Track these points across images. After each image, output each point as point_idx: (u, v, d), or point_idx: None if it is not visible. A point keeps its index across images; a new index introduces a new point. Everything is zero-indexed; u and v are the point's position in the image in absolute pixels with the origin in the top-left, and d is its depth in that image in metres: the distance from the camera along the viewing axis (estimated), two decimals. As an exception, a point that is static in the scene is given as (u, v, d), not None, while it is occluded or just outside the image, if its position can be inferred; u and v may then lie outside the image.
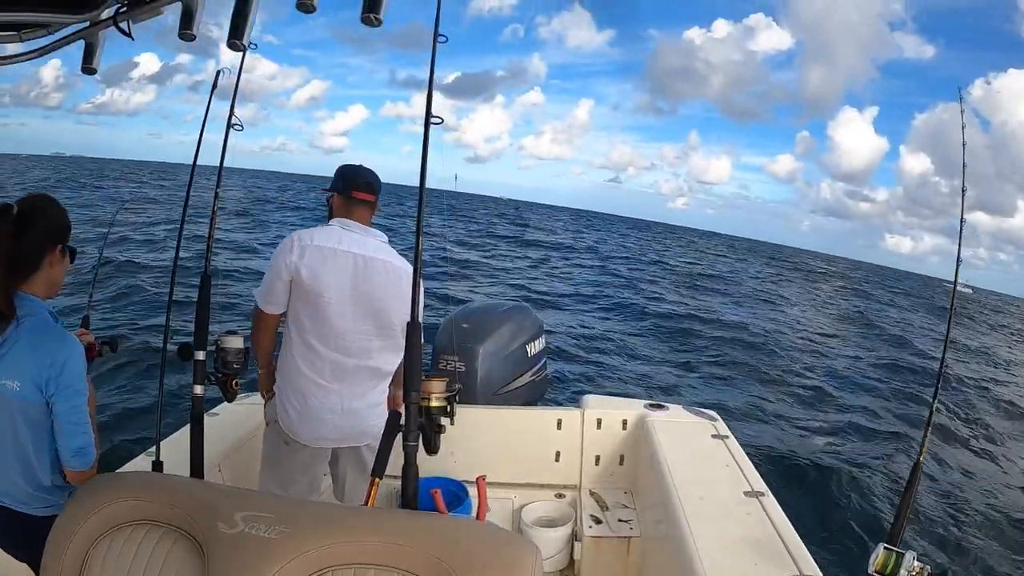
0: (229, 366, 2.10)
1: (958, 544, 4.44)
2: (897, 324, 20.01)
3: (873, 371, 9.65)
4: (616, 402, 3.10)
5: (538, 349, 3.54)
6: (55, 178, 39.36)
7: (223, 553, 1.14)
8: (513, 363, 3.39)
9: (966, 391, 9.50)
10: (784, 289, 27.14)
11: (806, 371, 9.00)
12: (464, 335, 3.29)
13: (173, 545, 1.20)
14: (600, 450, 2.96)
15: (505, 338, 3.38)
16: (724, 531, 1.89)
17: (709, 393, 7.47)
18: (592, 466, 2.97)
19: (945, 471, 5.57)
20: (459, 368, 3.23)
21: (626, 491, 2.92)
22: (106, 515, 1.24)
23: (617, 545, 2.63)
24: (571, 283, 17.45)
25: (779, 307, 19.62)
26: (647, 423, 2.78)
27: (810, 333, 14.42)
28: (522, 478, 2.97)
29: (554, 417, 2.95)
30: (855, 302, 27.28)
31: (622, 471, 2.96)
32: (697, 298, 17.99)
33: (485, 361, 3.26)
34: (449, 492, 2.60)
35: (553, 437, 2.94)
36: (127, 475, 1.44)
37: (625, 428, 2.92)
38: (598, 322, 11.48)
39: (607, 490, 2.93)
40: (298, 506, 1.31)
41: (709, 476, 2.28)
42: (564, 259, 25.78)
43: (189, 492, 1.28)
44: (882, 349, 13.26)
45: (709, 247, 58.78)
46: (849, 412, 7.03)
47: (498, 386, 3.31)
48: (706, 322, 12.73)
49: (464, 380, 3.19)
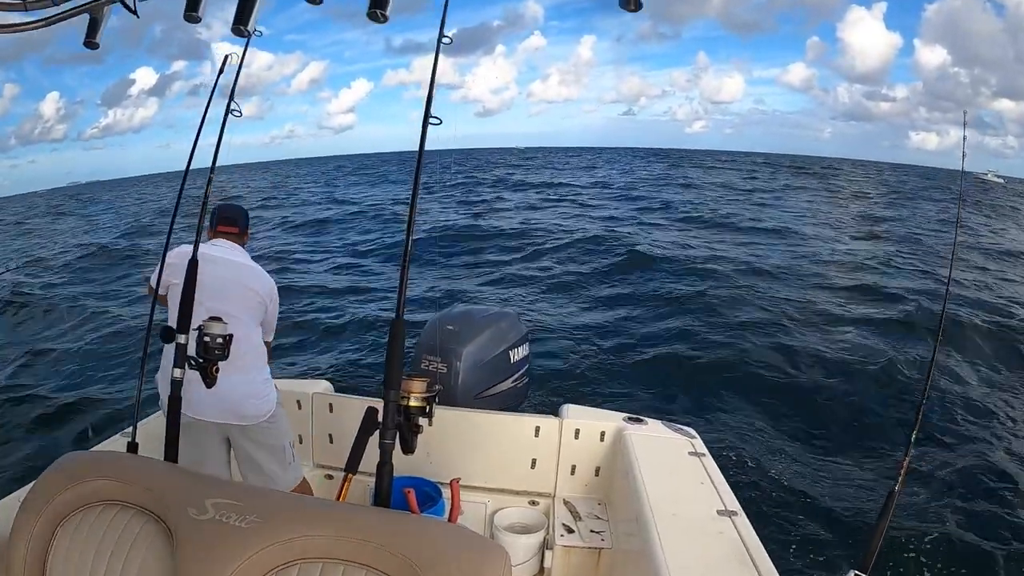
0: (211, 352, 2.09)
1: (933, 570, 4.46)
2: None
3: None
4: (595, 413, 3.10)
5: (521, 356, 3.55)
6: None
7: (192, 539, 1.13)
8: (495, 368, 3.39)
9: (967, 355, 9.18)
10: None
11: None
12: (448, 337, 3.29)
13: (143, 527, 1.20)
14: (576, 460, 2.96)
15: (489, 343, 3.38)
16: (695, 548, 1.90)
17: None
18: (568, 475, 2.97)
19: (927, 487, 5.58)
20: (441, 369, 3.23)
21: (600, 502, 2.92)
22: (76, 493, 1.23)
23: (588, 556, 2.63)
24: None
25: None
26: (625, 436, 2.79)
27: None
28: (497, 483, 2.97)
29: (532, 424, 2.95)
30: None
31: (597, 482, 2.96)
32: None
33: (467, 364, 3.26)
34: (423, 492, 2.60)
35: (530, 444, 2.95)
36: (100, 454, 1.43)
37: (603, 440, 2.93)
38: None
39: (581, 500, 2.93)
40: (270, 497, 1.30)
41: (683, 493, 2.29)
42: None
43: (162, 476, 1.28)
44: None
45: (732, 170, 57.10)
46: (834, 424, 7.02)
47: (479, 390, 3.31)
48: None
49: (445, 382, 3.19)
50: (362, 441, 1.67)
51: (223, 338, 2.10)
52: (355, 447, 1.69)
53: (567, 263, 13.69)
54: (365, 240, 17.33)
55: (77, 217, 29.66)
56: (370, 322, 9.02)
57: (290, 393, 3.15)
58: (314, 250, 16.12)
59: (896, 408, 7.08)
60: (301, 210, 26.45)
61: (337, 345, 8.22)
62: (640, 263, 13.21)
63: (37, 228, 27.40)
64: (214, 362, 2.10)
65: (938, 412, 7.06)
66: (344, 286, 11.39)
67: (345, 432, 3.04)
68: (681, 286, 11.45)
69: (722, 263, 13.36)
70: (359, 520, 1.19)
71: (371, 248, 16.00)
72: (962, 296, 10.82)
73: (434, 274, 12.20)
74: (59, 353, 7.76)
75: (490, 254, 14.94)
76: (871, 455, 6.17)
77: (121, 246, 17.77)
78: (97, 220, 28.09)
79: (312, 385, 3.23)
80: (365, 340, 8.32)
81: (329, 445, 3.14)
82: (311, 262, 14.35)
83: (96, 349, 7.85)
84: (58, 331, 8.83)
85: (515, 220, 20.23)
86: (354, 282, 11.84)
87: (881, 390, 7.65)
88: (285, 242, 17.16)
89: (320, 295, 10.68)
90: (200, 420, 2.45)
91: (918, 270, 13.84)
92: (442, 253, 14.02)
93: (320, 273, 12.96)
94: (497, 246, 15.75)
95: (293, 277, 11.71)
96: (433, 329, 3.39)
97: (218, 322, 2.11)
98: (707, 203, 25.87)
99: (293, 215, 23.94)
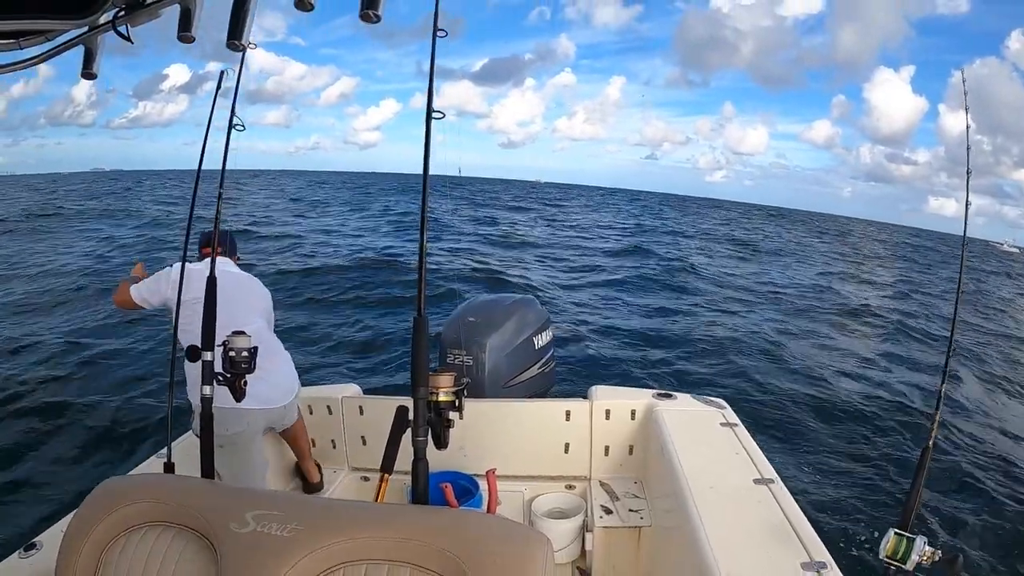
0: (237, 366, 2.11)
1: (972, 528, 4.42)
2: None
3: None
4: (624, 392, 3.09)
5: (545, 341, 3.54)
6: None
7: (236, 552, 1.15)
8: (520, 356, 3.39)
9: (989, 357, 9.34)
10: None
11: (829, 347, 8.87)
12: (471, 329, 3.30)
13: (186, 545, 1.21)
14: (609, 440, 2.96)
15: (512, 331, 3.38)
16: (734, 519, 1.90)
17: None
18: (602, 457, 2.97)
19: (960, 448, 5.54)
20: (467, 362, 3.24)
21: (636, 481, 2.92)
22: (120, 517, 1.25)
23: (628, 535, 2.64)
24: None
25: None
26: (656, 413, 2.78)
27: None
28: (532, 470, 2.97)
29: (562, 409, 2.95)
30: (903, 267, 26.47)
31: (632, 461, 2.96)
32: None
33: (492, 354, 3.26)
34: (459, 486, 2.61)
35: (562, 429, 2.95)
36: (139, 477, 1.45)
37: (634, 418, 2.92)
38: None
39: (617, 480, 2.93)
40: (308, 504, 1.32)
41: (718, 464, 2.28)
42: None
43: (200, 493, 1.29)
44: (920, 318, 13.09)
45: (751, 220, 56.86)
46: (865, 383, 6.96)
47: (506, 379, 3.31)
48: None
49: (472, 374, 3.20)
50: (395, 440, 1.68)
51: (248, 351, 2.12)
52: (388, 447, 1.70)
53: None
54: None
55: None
56: (392, 323, 9.07)
57: (320, 399, 3.18)
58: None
59: (924, 368, 7.03)
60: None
61: (362, 348, 8.27)
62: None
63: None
64: (241, 376, 2.13)
65: (967, 365, 6.99)
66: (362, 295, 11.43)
67: (377, 433, 3.05)
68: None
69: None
70: (399, 519, 1.20)
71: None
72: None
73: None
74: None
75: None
76: (903, 415, 6.12)
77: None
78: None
79: (341, 390, 3.25)
80: (389, 341, 8.37)
81: (363, 447, 3.17)
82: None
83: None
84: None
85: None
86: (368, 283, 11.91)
87: (909, 350, 7.59)
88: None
89: (344, 303, 10.75)
90: (266, 408, 2.73)
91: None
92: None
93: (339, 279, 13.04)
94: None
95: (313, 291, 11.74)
96: (455, 323, 3.40)
97: (242, 336, 2.13)
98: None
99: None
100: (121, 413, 6.04)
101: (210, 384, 2.12)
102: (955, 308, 2.03)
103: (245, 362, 2.10)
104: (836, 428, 6.03)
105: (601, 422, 2.94)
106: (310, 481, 3.11)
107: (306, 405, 3.16)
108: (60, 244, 16.49)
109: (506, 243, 19.79)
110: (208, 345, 2.14)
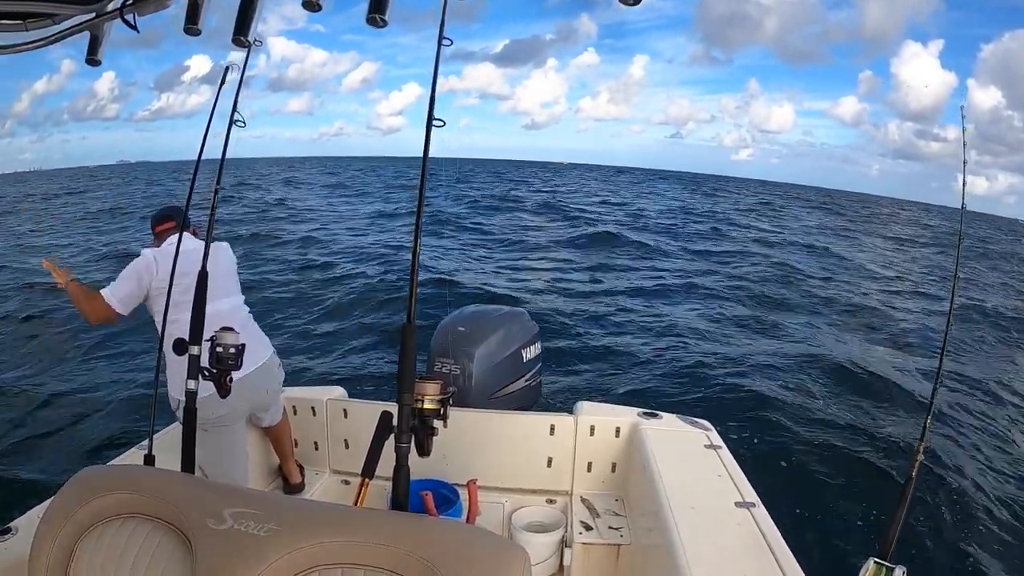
0: (224, 362, 2.10)
1: (953, 559, 4.43)
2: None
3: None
4: (609, 409, 3.09)
5: (533, 355, 3.55)
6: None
7: (211, 549, 1.14)
8: (507, 368, 3.40)
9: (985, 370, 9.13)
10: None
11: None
12: (459, 339, 3.30)
13: (162, 539, 1.20)
14: (592, 457, 2.96)
15: (500, 343, 3.38)
16: (714, 541, 1.90)
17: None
18: (584, 472, 2.97)
19: (944, 480, 5.55)
20: (454, 371, 3.24)
21: (617, 498, 2.92)
22: (96, 507, 1.23)
23: (607, 552, 2.63)
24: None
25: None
26: (640, 431, 2.78)
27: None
28: (514, 483, 2.97)
29: (547, 423, 2.95)
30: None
31: (614, 478, 2.96)
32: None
33: (480, 365, 3.26)
34: (440, 495, 2.60)
35: (546, 443, 2.94)
36: (118, 468, 1.43)
37: (618, 436, 2.92)
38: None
39: (598, 497, 2.93)
40: (288, 504, 1.31)
41: (701, 486, 2.28)
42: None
43: (179, 487, 1.28)
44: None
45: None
46: (852, 408, 6.96)
47: (492, 390, 3.31)
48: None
49: (458, 383, 3.20)
50: (377, 445, 1.67)
51: (236, 348, 2.11)
52: (371, 451, 1.69)
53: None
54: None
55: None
56: (381, 327, 9.04)
57: (304, 400, 3.16)
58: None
59: (910, 399, 7.04)
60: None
61: (349, 352, 8.24)
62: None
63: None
64: (227, 372, 2.11)
65: (951, 399, 7.01)
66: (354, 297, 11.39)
67: (360, 437, 3.05)
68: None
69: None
70: (377, 524, 1.19)
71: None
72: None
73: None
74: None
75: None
76: (887, 444, 6.13)
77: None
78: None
79: (326, 391, 3.24)
80: (377, 346, 8.34)
81: (345, 451, 3.15)
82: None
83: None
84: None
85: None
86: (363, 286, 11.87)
87: (896, 378, 7.60)
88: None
89: (330, 302, 10.72)
90: (255, 368, 2.76)
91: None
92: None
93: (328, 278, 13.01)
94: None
95: (305, 288, 11.70)
96: (444, 331, 3.39)
97: (230, 332, 2.11)
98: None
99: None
100: (103, 403, 5.99)
101: (195, 379, 2.10)
102: (944, 338, 2.04)
103: (232, 359, 2.09)
104: (826, 454, 6.02)
105: (585, 438, 2.94)
106: (291, 482, 3.09)
107: (290, 405, 3.15)
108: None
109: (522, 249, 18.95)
110: (196, 339, 2.13)
